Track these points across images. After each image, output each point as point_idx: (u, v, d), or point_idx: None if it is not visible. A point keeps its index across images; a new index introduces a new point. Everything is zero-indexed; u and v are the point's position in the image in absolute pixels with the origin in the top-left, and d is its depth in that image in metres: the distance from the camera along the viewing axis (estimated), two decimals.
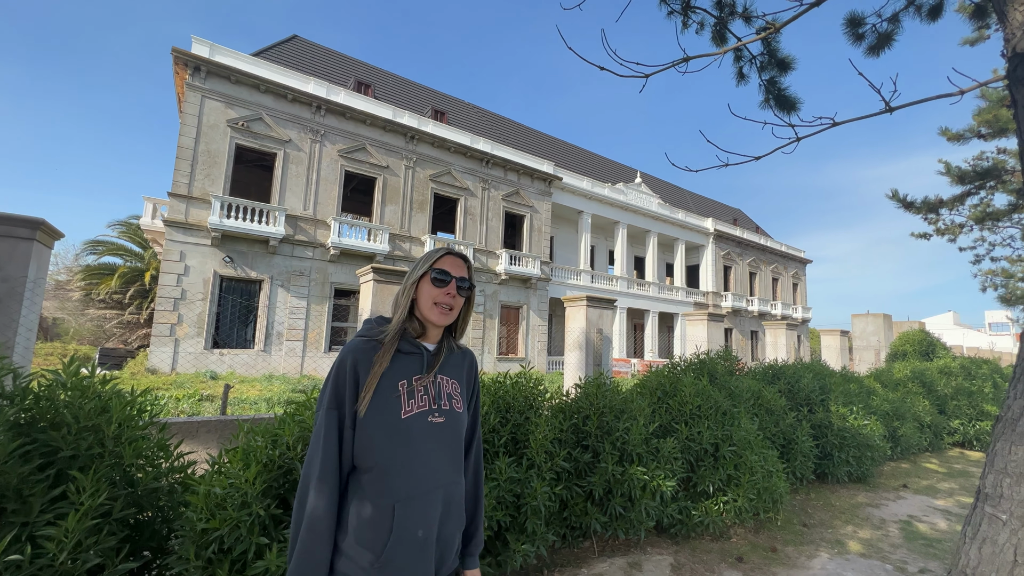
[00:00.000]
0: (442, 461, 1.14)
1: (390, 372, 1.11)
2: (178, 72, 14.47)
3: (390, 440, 1.07)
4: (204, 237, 13.69)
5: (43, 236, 3.77)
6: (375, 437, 1.06)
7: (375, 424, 1.07)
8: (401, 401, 1.10)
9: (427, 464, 1.10)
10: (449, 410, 1.16)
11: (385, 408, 1.08)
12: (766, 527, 3.77)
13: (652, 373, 4.42)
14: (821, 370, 6.20)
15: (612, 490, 3.11)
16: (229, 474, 1.89)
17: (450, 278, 1.21)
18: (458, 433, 1.19)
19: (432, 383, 1.16)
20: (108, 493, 1.74)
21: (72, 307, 23.57)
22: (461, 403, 1.21)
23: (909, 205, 6.74)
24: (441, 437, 1.13)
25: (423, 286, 1.20)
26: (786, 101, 3.24)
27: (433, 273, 1.20)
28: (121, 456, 1.91)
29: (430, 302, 1.18)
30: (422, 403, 1.12)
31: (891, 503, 4.63)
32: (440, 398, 1.16)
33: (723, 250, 30.04)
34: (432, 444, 1.12)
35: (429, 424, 1.12)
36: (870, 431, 5.43)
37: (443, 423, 1.14)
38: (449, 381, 1.21)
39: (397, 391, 1.10)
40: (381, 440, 1.06)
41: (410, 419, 1.10)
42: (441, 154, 18.69)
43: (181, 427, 3.81)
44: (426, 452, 1.10)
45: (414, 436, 1.09)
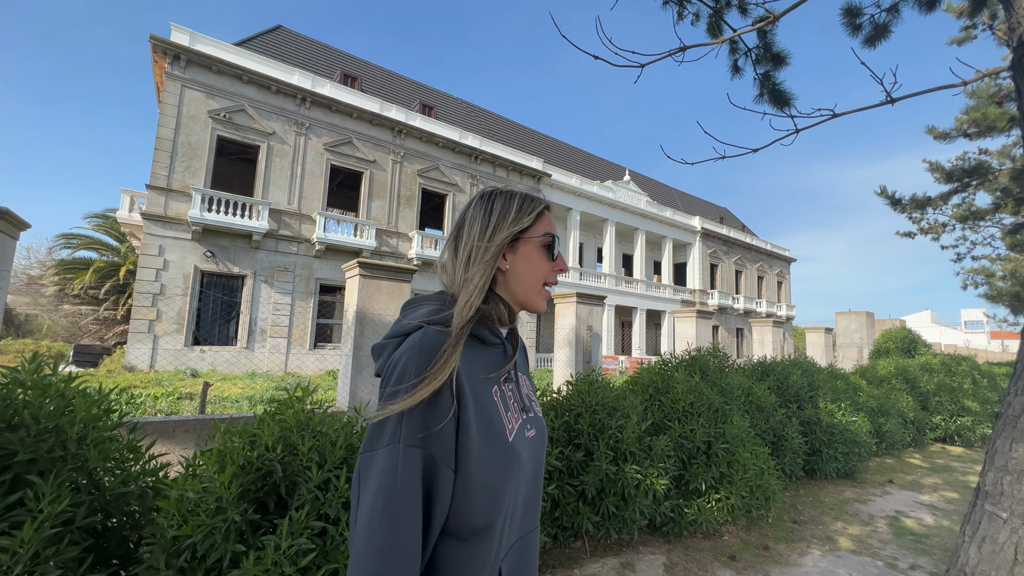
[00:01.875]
0: (540, 487, 0.85)
1: (483, 371, 0.77)
2: (157, 61, 14.04)
3: (503, 478, 0.72)
4: (184, 231, 13.34)
5: (6, 226, 3.57)
6: (486, 478, 0.70)
7: (485, 454, 0.70)
8: (502, 416, 0.76)
9: (532, 498, 0.81)
10: (535, 417, 0.86)
11: (489, 427, 0.73)
12: (757, 524, 3.75)
13: (644, 370, 4.37)
14: (809, 367, 6.24)
15: (605, 489, 3.05)
16: (203, 477, 1.77)
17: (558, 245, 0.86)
18: (545, 446, 0.91)
19: (516, 383, 0.86)
20: (70, 499, 1.61)
21: (46, 303, 22.83)
22: (538, 404, 0.93)
23: (897, 202, 6.82)
24: (539, 458, 0.83)
25: (526, 254, 0.82)
26: (781, 96, 3.19)
27: (544, 239, 0.83)
28: (86, 459, 1.78)
29: (539, 281, 0.82)
30: (516, 414, 0.81)
31: (878, 499, 4.66)
32: (525, 402, 0.85)
33: (710, 248, 30.33)
34: (536, 468, 0.82)
35: (529, 442, 0.81)
36: (857, 427, 5.47)
37: (535, 436, 0.84)
38: (524, 378, 0.91)
39: (492, 400, 0.76)
40: (494, 480, 0.71)
41: (516, 440, 0.77)
42: (429, 149, 18.49)
43: (157, 427, 3.65)
44: (531, 482, 0.81)
45: (522, 464, 0.76)
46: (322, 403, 2.27)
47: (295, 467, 1.88)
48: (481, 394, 0.74)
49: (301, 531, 1.72)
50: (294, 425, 1.98)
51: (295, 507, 1.83)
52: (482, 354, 0.79)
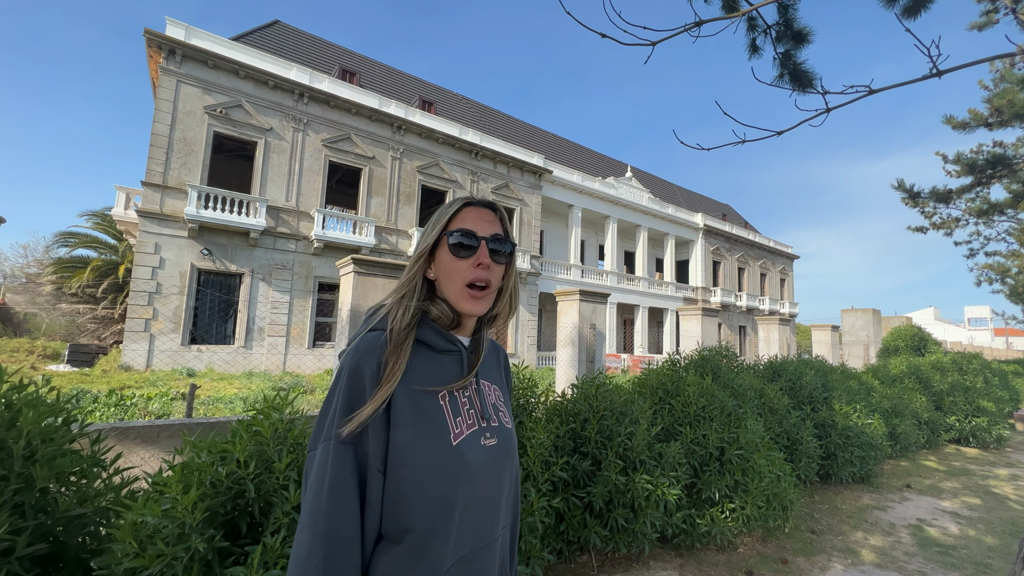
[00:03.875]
0: (501, 499, 0.82)
1: (423, 376, 0.78)
2: (152, 56, 13.81)
3: (440, 480, 0.72)
4: (180, 228, 13.13)
5: None
6: (421, 480, 0.71)
7: (421, 460, 0.72)
8: (447, 420, 0.77)
9: (486, 508, 0.78)
10: (499, 427, 0.85)
11: (428, 431, 0.74)
12: (774, 535, 3.55)
13: (652, 371, 4.16)
14: (822, 367, 6.03)
15: (614, 500, 2.84)
16: (164, 499, 1.56)
17: (477, 241, 0.82)
18: (513, 457, 0.87)
19: (475, 390, 0.85)
20: (10, 525, 1.41)
21: (43, 301, 22.67)
22: (508, 416, 0.90)
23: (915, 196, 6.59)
24: (497, 467, 0.82)
25: (440, 261, 0.83)
26: (803, 76, 2.97)
27: (451, 238, 0.82)
28: (32, 478, 1.57)
29: (457, 283, 0.82)
30: (470, 420, 0.80)
31: (897, 505, 4.45)
32: (486, 411, 0.84)
33: (712, 245, 30.06)
34: (491, 477, 0.80)
35: (484, 449, 0.79)
36: (873, 430, 5.26)
37: (496, 445, 0.82)
38: (491, 387, 0.90)
39: (438, 405, 0.77)
40: (427, 482, 0.71)
41: (463, 445, 0.76)
42: (429, 145, 18.25)
43: (140, 432, 3.45)
44: (484, 490, 0.78)
45: (470, 470, 0.75)
46: (304, 413, 2.06)
47: (271, 486, 1.67)
48: (422, 398, 0.75)
49: (276, 560, 1.52)
50: (271, 437, 1.76)
51: (270, 531, 1.62)
52: (431, 360, 0.80)
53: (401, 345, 0.76)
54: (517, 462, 0.89)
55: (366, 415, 0.70)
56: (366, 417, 0.69)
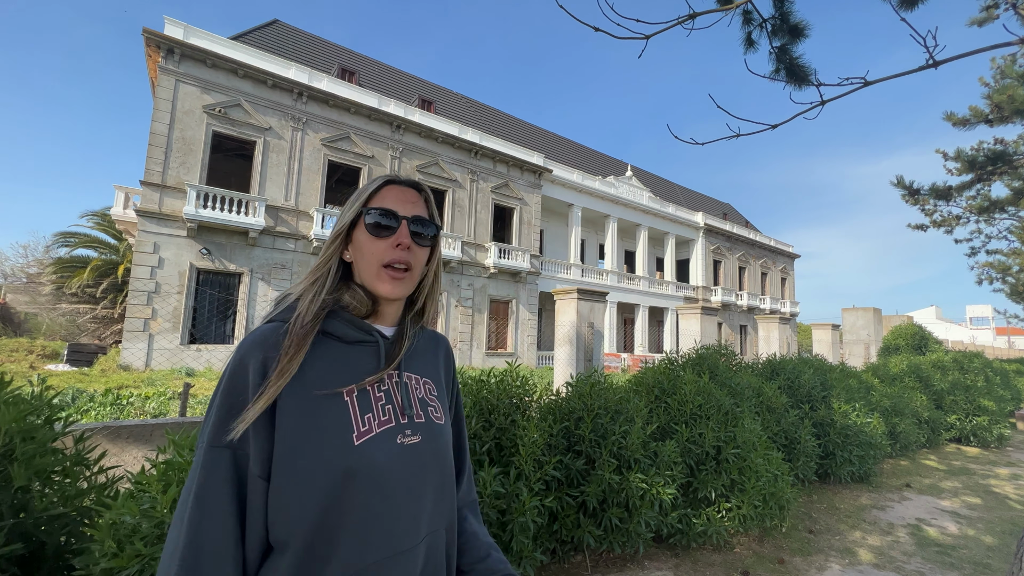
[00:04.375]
0: (423, 502, 0.74)
1: (325, 374, 0.70)
2: (151, 55, 13.80)
3: (335, 484, 0.65)
4: (179, 228, 13.12)
5: None
6: (306, 486, 0.64)
7: (309, 463, 0.64)
8: (351, 418, 0.69)
9: (400, 513, 0.70)
10: (425, 423, 0.78)
11: (322, 431, 0.67)
12: (770, 535, 3.51)
13: (648, 369, 4.13)
14: (821, 365, 5.99)
15: (608, 500, 2.81)
16: (142, 498, 1.53)
17: (397, 221, 0.77)
18: (443, 455, 0.79)
19: (397, 385, 0.77)
20: None
21: (44, 301, 22.70)
22: (441, 411, 0.83)
23: (915, 193, 6.54)
24: (420, 466, 0.74)
25: (356, 241, 0.78)
26: (799, 71, 2.93)
27: (368, 217, 0.76)
28: (9, 478, 1.55)
29: (373, 264, 0.76)
30: (385, 417, 0.73)
31: (896, 504, 4.42)
32: (410, 406, 0.77)
33: (713, 244, 30.01)
34: (407, 478, 0.72)
35: (401, 448, 0.72)
36: (873, 429, 5.22)
37: (419, 443, 0.75)
38: (420, 380, 0.82)
39: (341, 403, 0.70)
40: (317, 486, 0.64)
41: (370, 444, 0.69)
42: (428, 144, 18.23)
43: (133, 431, 3.43)
44: (400, 493, 0.70)
45: (379, 471, 0.68)
46: None
47: None
48: (317, 395, 0.69)
49: None
50: None
51: None
52: (338, 353, 0.74)
53: (302, 339, 0.69)
54: (450, 458, 0.81)
55: (248, 418, 0.63)
56: (248, 420, 0.63)
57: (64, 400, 6.68)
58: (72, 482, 1.78)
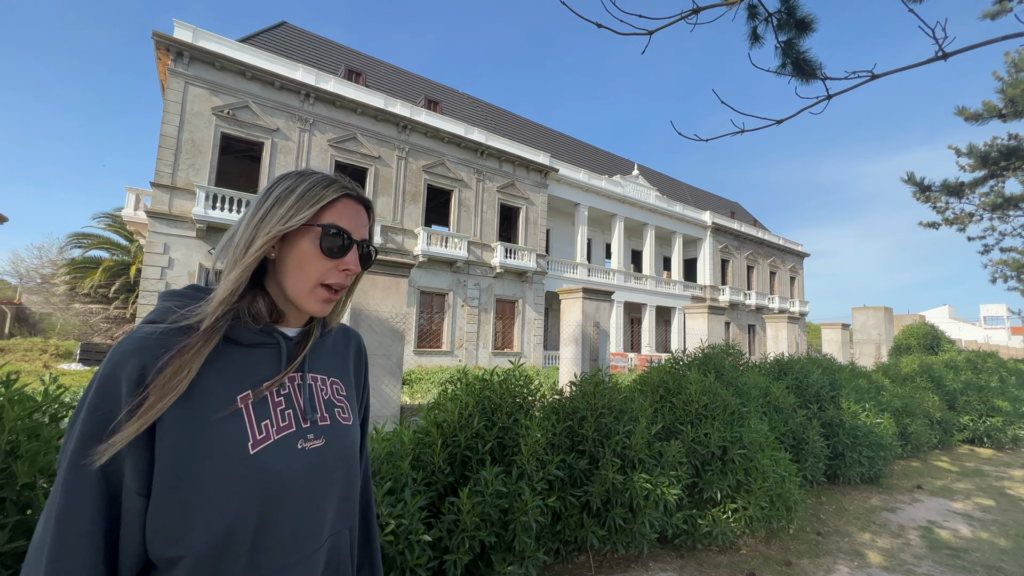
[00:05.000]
0: (326, 507, 0.71)
1: (219, 380, 0.65)
2: (160, 58, 13.95)
3: (226, 496, 0.60)
4: (189, 229, 13.26)
5: None
6: (194, 498, 0.59)
7: (199, 476, 0.59)
8: (246, 426, 0.64)
9: (301, 520, 0.67)
10: (331, 425, 0.74)
11: (213, 442, 0.61)
12: (778, 536, 3.47)
13: (653, 369, 4.10)
14: (830, 365, 5.91)
15: (611, 500, 2.79)
16: None
17: (351, 242, 0.72)
18: (349, 457, 0.76)
19: (298, 387, 0.73)
20: None
21: (57, 301, 23.06)
22: (349, 411, 0.79)
23: (926, 189, 6.43)
24: (323, 470, 0.70)
25: (297, 247, 0.70)
26: (806, 66, 2.89)
27: (326, 234, 0.70)
28: (14, 475, 1.56)
29: (311, 280, 0.70)
30: (284, 422, 0.68)
31: (907, 506, 4.35)
32: (313, 409, 0.73)
33: (721, 243, 29.77)
34: (310, 485, 0.68)
35: (301, 454, 0.68)
36: (883, 429, 5.14)
37: (323, 447, 0.71)
38: (327, 381, 0.78)
39: (235, 409, 0.65)
40: (206, 500, 0.59)
41: (266, 452, 0.65)
42: (434, 144, 18.26)
43: None
44: (301, 501, 0.67)
45: (277, 480, 0.64)
46: None
47: None
48: (206, 402, 0.63)
49: None
50: None
51: None
52: (232, 358, 0.67)
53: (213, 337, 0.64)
54: (355, 459, 0.78)
55: (118, 442, 0.56)
56: (118, 445, 0.56)
57: (75, 399, 6.77)
58: None
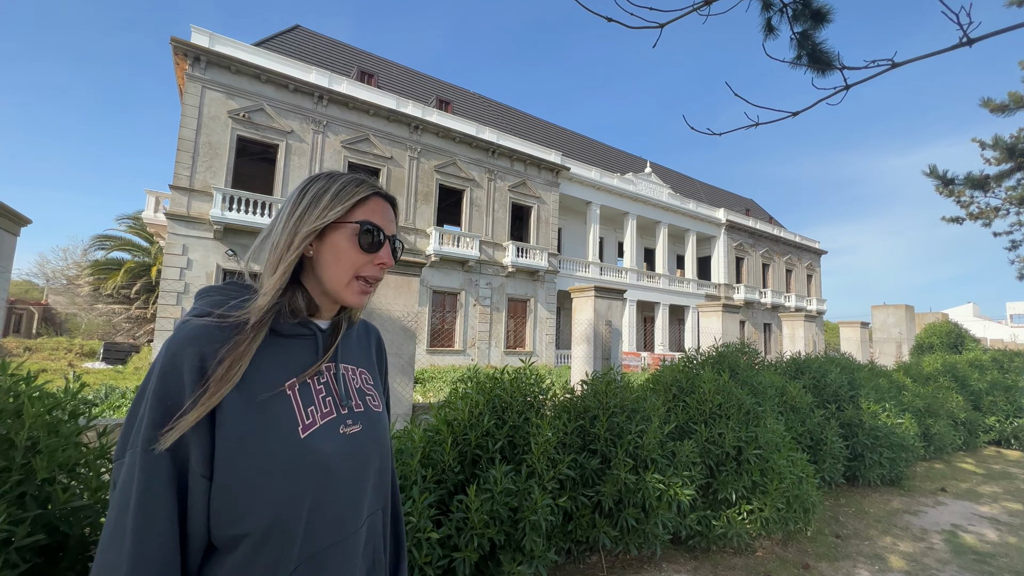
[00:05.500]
0: (365, 487, 0.77)
1: (268, 369, 0.70)
2: (178, 63, 14.23)
3: (282, 478, 0.65)
4: (206, 230, 13.51)
5: (4, 221, 3.48)
6: (257, 482, 0.63)
7: (256, 459, 0.63)
8: (295, 411, 0.69)
9: (345, 500, 0.72)
10: (365, 412, 0.80)
11: (267, 426, 0.66)
12: (795, 538, 3.40)
13: (666, 368, 4.05)
14: (848, 364, 5.78)
15: (623, 500, 2.76)
16: None
17: (384, 238, 0.78)
18: (382, 441, 0.82)
19: (334, 376, 0.78)
20: (9, 516, 1.44)
21: (82, 302, 23.70)
22: (378, 399, 0.86)
23: (949, 183, 6.24)
24: (361, 454, 0.76)
25: (334, 243, 0.75)
26: (822, 57, 2.82)
27: (363, 228, 0.75)
28: (33, 470, 1.60)
29: (348, 273, 0.75)
30: (326, 408, 0.74)
31: (930, 509, 4.23)
32: (349, 396, 0.79)
33: (735, 241, 29.35)
34: (351, 468, 0.74)
35: (343, 438, 0.74)
36: (904, 430, 5.01)
37: (360, 432, 0.77)
38: (356, 371, 0.84)
39: (284, 397, 0.69)
40: (264, 481, 0.63)
41: (314, 437, 0.70)
42: (446, 144, 18.32)
43: None
44: (344, 481, 0.72)
45: (325, 462, 0.69)
46: None
47: None
48: (259, 390, 0.67)
49: None
50: None
51: None
52: (276, 347, 0.72)
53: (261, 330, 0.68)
54: (388, 444, 0.84)
55: (183, 426, 0.60)
56: (182, 429, 0.60)
57: (98, 396, 6.95)
58: (95, 475, 1.83)
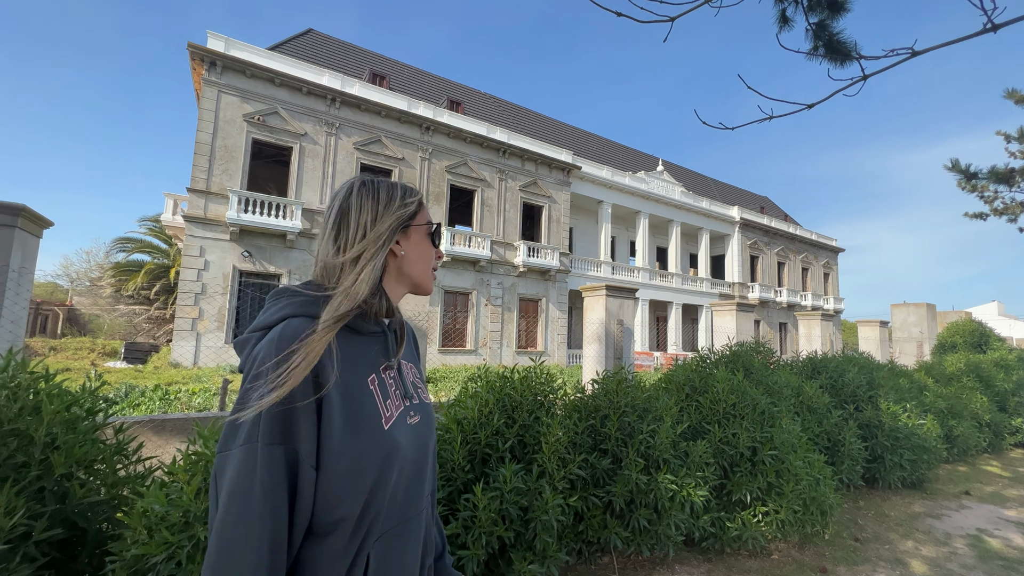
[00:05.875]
0: (427, 473, 0.84)
1: (355, 366, 0.75)
2: (195, 68, 14.50)
3: (373, 466, 0.70)
4: (223, 232, 13.74)
5: (27, 223, 3.57)
6: (354, 470, 0.68)
7: (355, 450, 0.68)
8: (378, 405, 0.74)
9: (414, 485, 0.79)
10: (420, 403, 0.86)
11: (360, 419, 0.71)
12: (812, 541, 3.33)
13: (679, 367, 4.00)
14: (867, 363, 5.64)
15: (635, 500, 2.73)
16: (171, 487, 1.59)
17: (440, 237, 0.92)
18: (433, 431, 0.89)
19: (397, 372, 0.84)
20: (28, 510, 1.47)
21: (104, 303, 24.29)
22: (426, 391, 0.92)
23: (972, 177, 6.06)
24: (423, 442, 0.83)
25: (417, 240, 0.86)
26: (839, 48, 2.75)
27: (432, 227, 0.89)
28: (51, 466, 1.63)
29: (428, 266, 0.87)
30: (397, 401, 0.79)
31: (954, 513, 4.11)
32: (408, 390, 0.84)
33: (750, 239, 28.93)
34: (417, 454, 0.81)
35: (411, 428, 0.80)
36: (926, 431, 4.87)
37: (420, 423, 0.83)
38: (408, 365, 0.90)
39: (368, 390, 0.74)
40: (360, 470, 0.68)
41: (394, 428, 0.75)
42: (457, 145, 18.37)
43: (176, 424, 3.60)
44: (413, 469, 0.79)
45: (401, 451, 0.75)
46: None
47: None
48: (352, 385, 0.72)
49: None
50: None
51: None
52: (357, 344, 0.77)
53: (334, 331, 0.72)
54: (434, 434, 0.90)
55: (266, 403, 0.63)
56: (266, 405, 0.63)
57: (118, 394, 7.10)
58: (111, 471, 1.86)
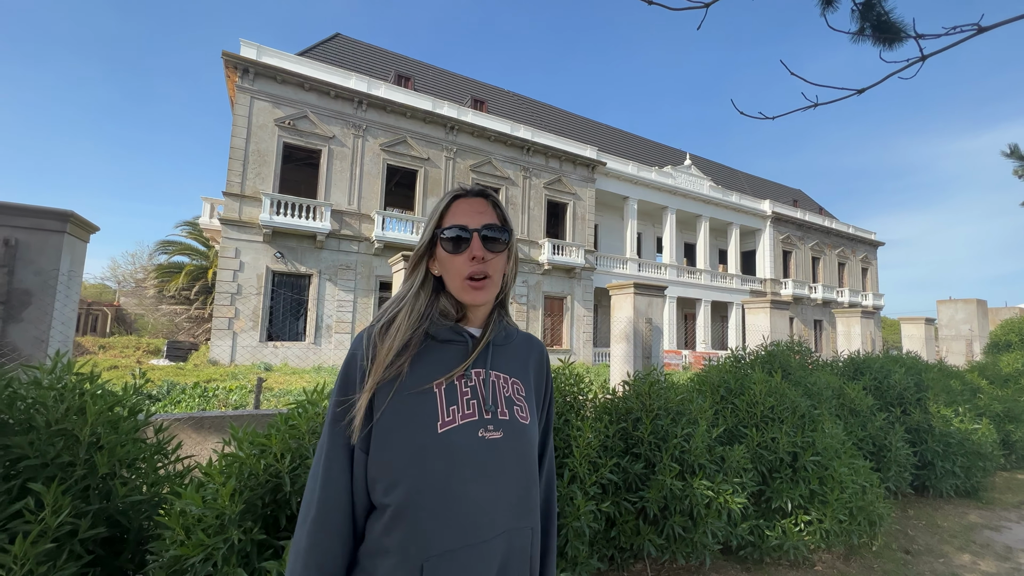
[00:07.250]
0: (501, 496, 0.78)
1: (421, 368, 0.80)
2: (229, 76, 14.98)
3: (417, 464, 0.74)
4: (256, 234, 14.16)
5: (75, 229, 3.73)
6: (395, 460, 0.75)
7: (396, 440, 0.76)
8: (437, 408, 0.78)
9: (477, 502, 0.76)
10: (510, 421, 0.82)
11: (411, 417, 0.76)
12: (859, 553, 3.16)
13: (713, 368, 3.87)
14: (914, 364, 5.34)
15: (669, 507, 2.64)
16: (207, 489, 1.61)
17: (469, 233, 0.83)
18: (525, 455, 0.83)
19: (483, 381, 0.83)
20: (74, 509, 1.51)
21: (148, 303, 25.46)
22: (527, 411, 0.86)
23: None
24: (499, 461, 0.79)
25: (439, 256, 0.86)
26: (890, 28, 2.57)
27: (444, 234, 0.84)
28: (95, 466, 1.68)
29: (458, 278, 0.84)
30: (468, 411, 0.79)
31: (1014, 525, 3.83)
32: (496, 403, 0.82)
33: (782, 234, 27.95)
34: (486, 471, 0.78)
35: (481, 441, 0.78)
36: (981, 436, 4.57)
37: (501, 440, 0.80)
38: (508, 380, 0.86)
39: (430, 393, 0.78)
40: (402, 464, 0.75)
41: (451, 434, 0.77)
42: (481, 143, 18.40)
43: (213, 421, 3.70)
44: (477, 483, 0.76)
45: (458, 459, 0.75)
46: None
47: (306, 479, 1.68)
48: (410, 387, 0.78)
49: None
50: (306, 431, 1.78)
51: None
52: (435, 350, 0.83)
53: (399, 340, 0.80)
54: (532, 458, 0.85)
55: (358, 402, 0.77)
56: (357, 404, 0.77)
57: (160, 392, 7.41)
58: (151, 469, 1.91)
